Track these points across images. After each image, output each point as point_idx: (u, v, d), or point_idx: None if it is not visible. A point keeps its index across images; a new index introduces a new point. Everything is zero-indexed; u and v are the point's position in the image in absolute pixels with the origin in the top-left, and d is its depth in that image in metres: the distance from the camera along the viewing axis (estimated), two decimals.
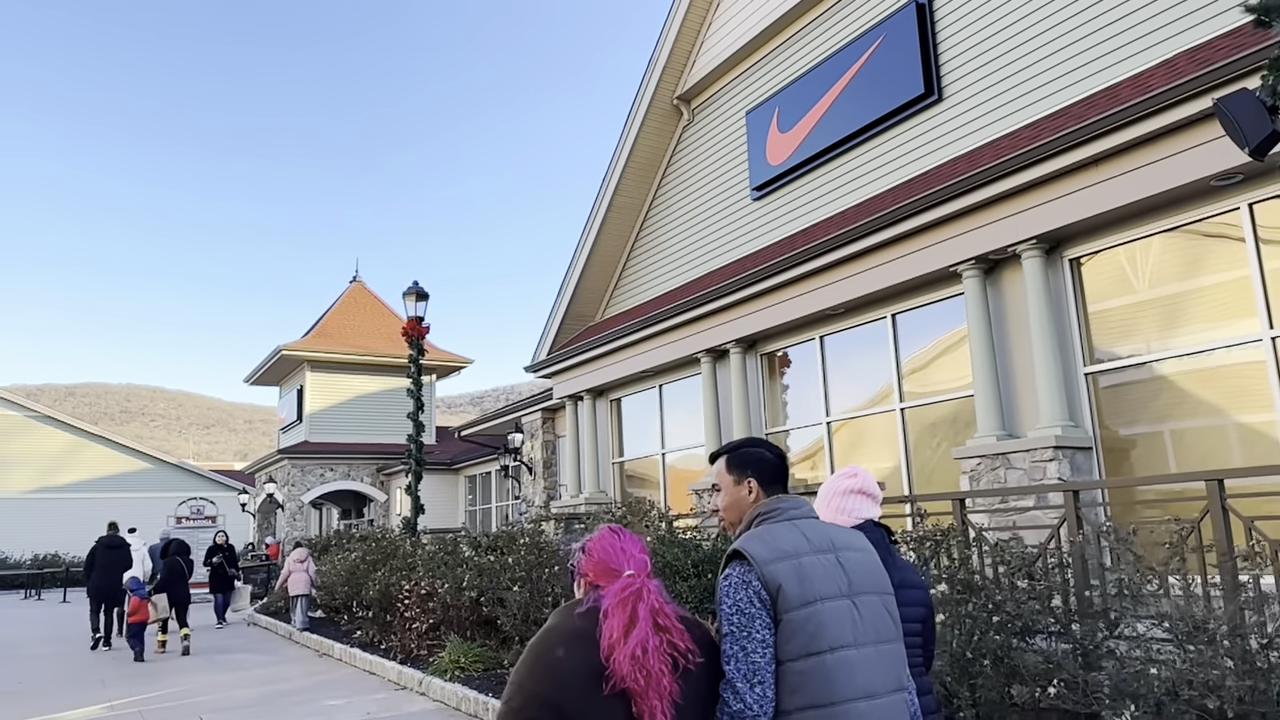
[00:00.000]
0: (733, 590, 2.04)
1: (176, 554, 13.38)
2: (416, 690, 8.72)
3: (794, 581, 2.02)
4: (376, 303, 33.49)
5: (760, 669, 1.98)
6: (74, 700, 8.89)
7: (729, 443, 2.48)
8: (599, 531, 2.13)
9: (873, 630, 2.08)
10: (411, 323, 13.82)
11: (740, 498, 2.33)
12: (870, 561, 2.20)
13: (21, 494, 34.75)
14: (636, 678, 1.82)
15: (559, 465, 19.87)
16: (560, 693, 1.83)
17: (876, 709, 2.02)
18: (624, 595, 1.91)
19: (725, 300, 12.00)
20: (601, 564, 2.03)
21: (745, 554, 2.07)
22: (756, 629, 2.00)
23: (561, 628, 1.96)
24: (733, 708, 1.96)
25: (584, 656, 1.86)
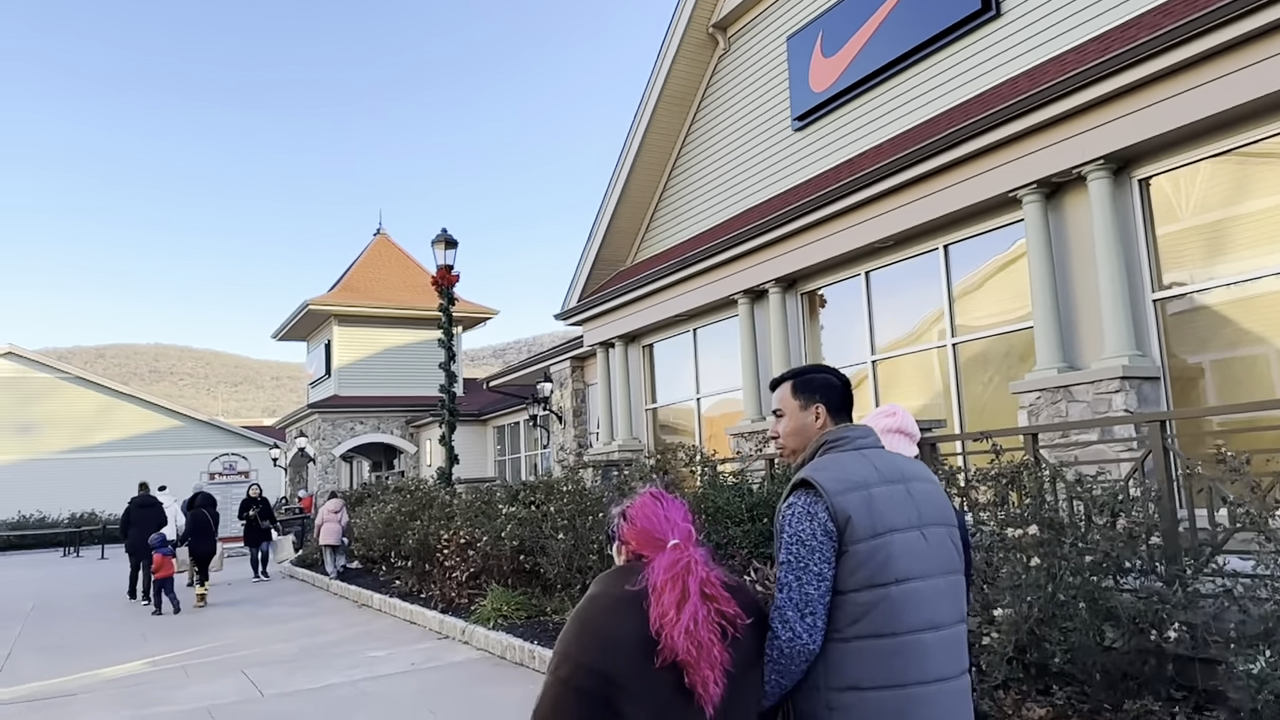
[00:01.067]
0: (795, 520, 2.00)
1: (202, 507, 13.44)
2: (459, 639, 8.55)
3: (864, 513, 1.97)
4: (401, 255, 33.17)
5: (813, 600, 1.94)
6: (115, 656, 8.82)
7: (793, 368, 2.42)
8: (640, 497, 2.05)
9: (940, 562, 2.04)
10: (441, 271, 13.46)
11: (806, 425, 2.24)
12: (937, 493, 2.15)
13: (56, 454, 35.16)
14: (689, 650, 1.78)
15: (588, 414, 19.63)
16: (610, 664, 1.80)
17: (941, 640, 1.98)
18: (674, 570, 1.86)
19: (764, 238, 11.52)
20: (645, 533, 1.97)
21: (814, 483, 2.01)
22: (815, 561, 1.96)
23: (608, 596, 1.91)
24: (782, 636, 1.94)
25: (633, 627, 1.82)
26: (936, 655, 1.97)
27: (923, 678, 1.95)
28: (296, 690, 6.96)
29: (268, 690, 7.01)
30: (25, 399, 35.04)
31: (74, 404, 36.12)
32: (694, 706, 1.81)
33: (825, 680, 1.97)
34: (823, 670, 1.98)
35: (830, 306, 11.61)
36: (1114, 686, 3.88)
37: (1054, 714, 4.10)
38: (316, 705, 6.44)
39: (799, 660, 1.96)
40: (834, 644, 1.96)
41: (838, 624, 1.96)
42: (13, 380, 35.23)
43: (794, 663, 1.97)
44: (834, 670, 1.96)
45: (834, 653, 1.97)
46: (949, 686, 1.99)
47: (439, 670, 7.38)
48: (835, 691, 1.96)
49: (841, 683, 1.95)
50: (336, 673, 7.50)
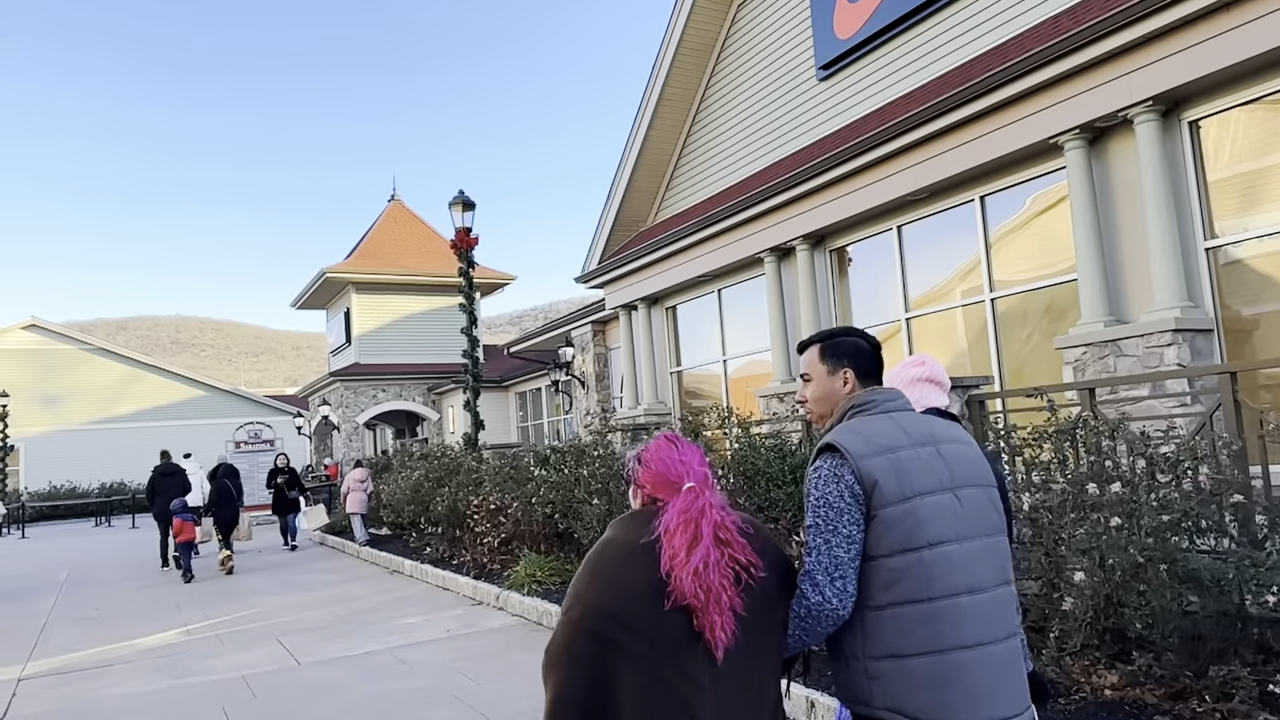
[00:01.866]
0: (822, 483, 1.97)
1: (224, 477, 13.66)
2: (494, 605, 8.49)
3: (891, 477, 1.93)
4: (415, 221, 32.94)
5: (842, 564, 1.92)
6: (150, 626, 8.83)
7: (821, 331, 2.33)
8: (655, 440, 2.03)
9: (976, 523, 1.98)
10: (460, 234, 13.26)
11: (834, 389, 2.21)
12: (972, 453, 2.09)
13: (83, 425, 35.52)
14: (697, 594, 1.76)
15: (611, 378, 19.47)
16: (621, 606, 1.79)
17: (980, 604, 1.93)
18: (688, 514, 1.83)
19: (790, 193, 11.22)
20: (660, 476, 1.94)
21: (839, 447, 1.98)
22: (843, 524, 1.93)
23: (621, 541, 1.90)
24: (810, 600, 1.92)
25: (644, 571, 1.81)
26: (976, 619, 1.91)
27: (961, 642, 1.89)
28: (333, 658, 6.92)
29: (304, 658, 6.97)
30: (50, 371, 35.33)
31: (98, 375, 36.40)
32: (703, 650, 1.79)
33: (863, 649, 1.94)
34: (860, 639, 1.94)
35: (860, 263, 11.33)
36: (1195, 653, 3.70)
37: (1125, 681, 3.93)
38: (354, 673, 6.39)
39: (826, 623, 1.94)
40: (869, 612, 1.93)
41: (871, 591, 1.93)
42: (37, 352, 35.51)
43: (820, 624, 1.94)
44: (871, 639, 1.93)
45: (869, 621, 1.93)
46: (993, 651, 1.93)
47: (475, 637, 7.32)
48: (874, 660, 1.92)
49: (879, 651, 1.92)
50: (372, 640, 7.46)
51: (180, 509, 12.55)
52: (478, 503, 10.19)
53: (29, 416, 33.73)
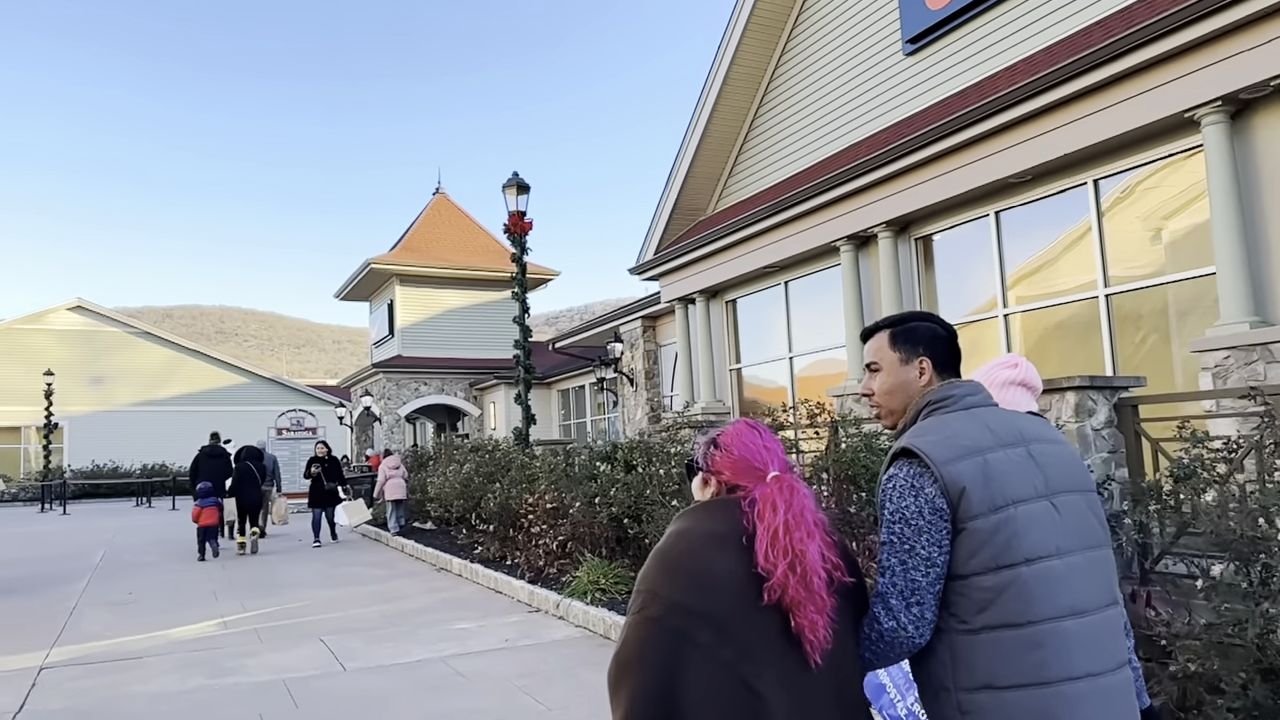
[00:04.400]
0: (898, 494, 1.75)
1: (247, 459, 13.75)
2: (553, 614, 7.80)
3: (980, 483, 1.70)
4: (460, 215, 32.58)
5: (920, 589, 1.70)
6: (185, 615, 8.28)
7: (889, 316, 2.07)
8: (733, 426, 1.87)
9: (1077, 535, 1.75)
10: (514, 217, 12.62)
11: (907, 381, 1.97)
12: (1067, 455, 1.84)
13: (128, 407, 35.72)
14: (799, 589, 1.61)
15: (661, 375, 18.75)
16: (706, 602, 1.61)
17: (1088, 627, 1.69)
18: (782, 497, 1.69)
19: (873, 175, 10.41)
20: (743, 462, 1.79)
21: (918, 452, 1.75)
22: (921, 544, 1.71)
23: (703, 531, 1.73)
24: (884, 625, 1.73)
25: (732, 564, 1.65)
26: (1084, 645, 1.67)
27: (1069, 673, 1.65)
28: (381, 665, 6.27)
29: (350, 663, 6.33)
30: (96, 352, 35.58)
31: (143, 358, 36.62)
32: (799, 654, 1.63)
33: (954, 679, 1.70)
34: (950, 668, 1.71)
35: (951, 252, 10.49)
36: None
37: None
38: (406, 684, 5.73)
39: (899, 650, 1.75)
40: (960, 636, 1.70)
41: (962, 613, 1.70)
42: (83, 334, 35.77)
43: (893, 651, 1.75)
44: (963, 668, 1.70)
45: (961, 647, 1.70)
46: (1104, 683, 1.67)
47: (536, 650, 6.63)
48: (967, 693, 1.69)
49: (973, 682, 1.68)
50: (424, 646, 6.81)
51: (205, 493, 12.84)
52: (533, 501, 9.53)
53: (74, 396, 33.91)
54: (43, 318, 35.58)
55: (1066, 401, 5.76)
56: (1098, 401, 5.77)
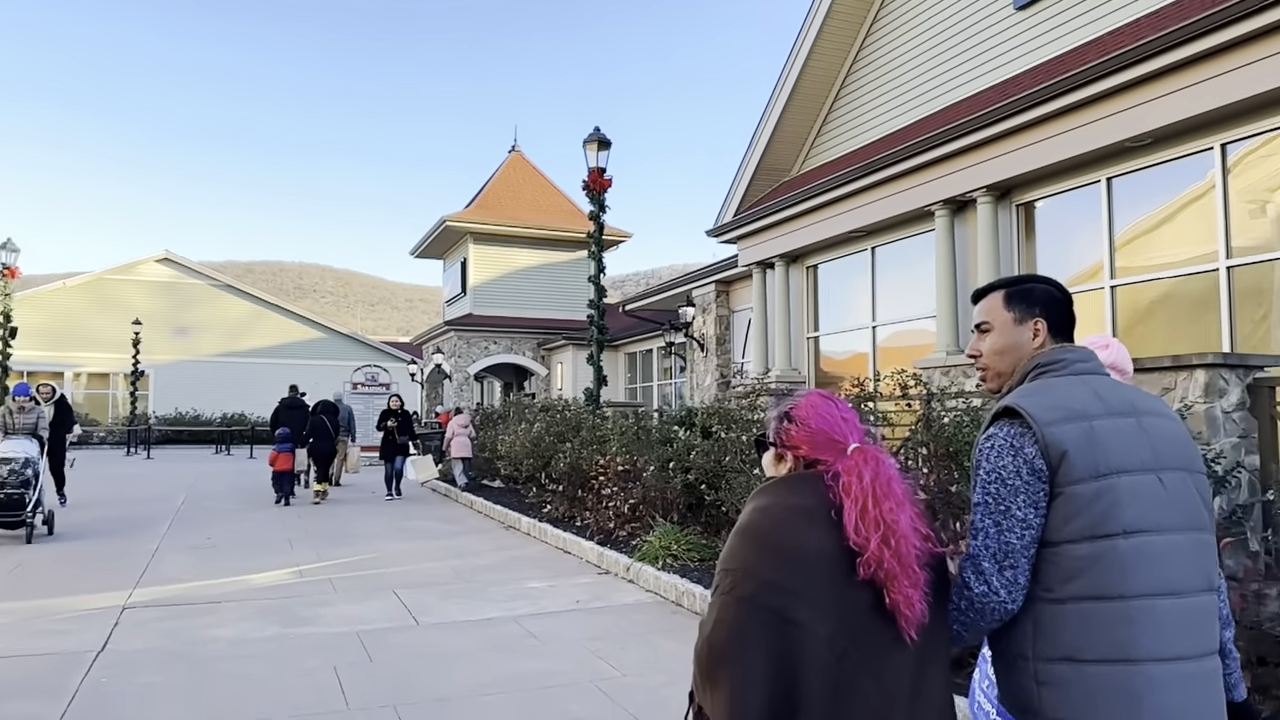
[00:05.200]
0: (996, 454, 1.69)
1: (322, 413, 14.30)
2: (623, 577, 7.64)
3: (1084, 448, 1.63)
4: (535, 173, 32.44)
5: (1014, 552, 1.65)
6: (261, 562, 8.36)
7: (1004, 277, 2.04)
8: (806, 398, 1.78)
9: (1181, 514, 1.65)
10: (594, 174, 12.33)
11: (1020, 342, 1.88)
12: (1179, 431, 1.75)
13: (210, 357, 36.84)
14: (893, 563, 1.56)
15: (733, 341, 18.40)
16: (799, 579, 1.56)
17: (1182, 610, 1.60)
18: (868, 469, 1.62)
19: (974, 137, 9.82)
20: (821, 435, 1.71)
21: (1021, 412, 1.69)
22: (1018, 505, 1.65)
23: (789, 506, 1.65)
24: (974, 590, 1.67)
25: (822, 538, 1.59)
26: (1175, 628, 1.60)
27: (1157, 654, 1.58)
28: (453, 621, 6.19)
29: (423, 618, 6.26)
30: (181, 304, 36.69)
31: (225, 311, 37.65)
32: (894, 631, 1.57)
33: (1035, 649, 1.66)
34: (1031, 636, 1.66)
35: (1054, 220, 9.88)
36: None
37: None
38: (479, 643, 5.62)
39: (990, 617, 1.69)
40: (1045, 605, 1.65)
41: (1050, 581, 1.65)
42: (169, 285, 36.92)
43: (984, 619, 1.69)
44: (1045, 636, 1.65)
45: (1045, 615, 1.65)
46: (1191, 669, 1.61)
47: (608, 613, 6.47)
48: (1046, 662, 1.64)
49: (1054, 652, 1.63)
50: (495, 605, 6.71)
51: (282, 439, 13.45)
52: (604, 463, 9.36)
53: (160, 345, 35.07)
54: (132, 269, 36.81)
55: (1195, 380, 5.29)
56: (1229, 381, 5.29)
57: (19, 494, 8.97)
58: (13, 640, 5.51)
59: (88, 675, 4.83)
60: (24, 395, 9.94)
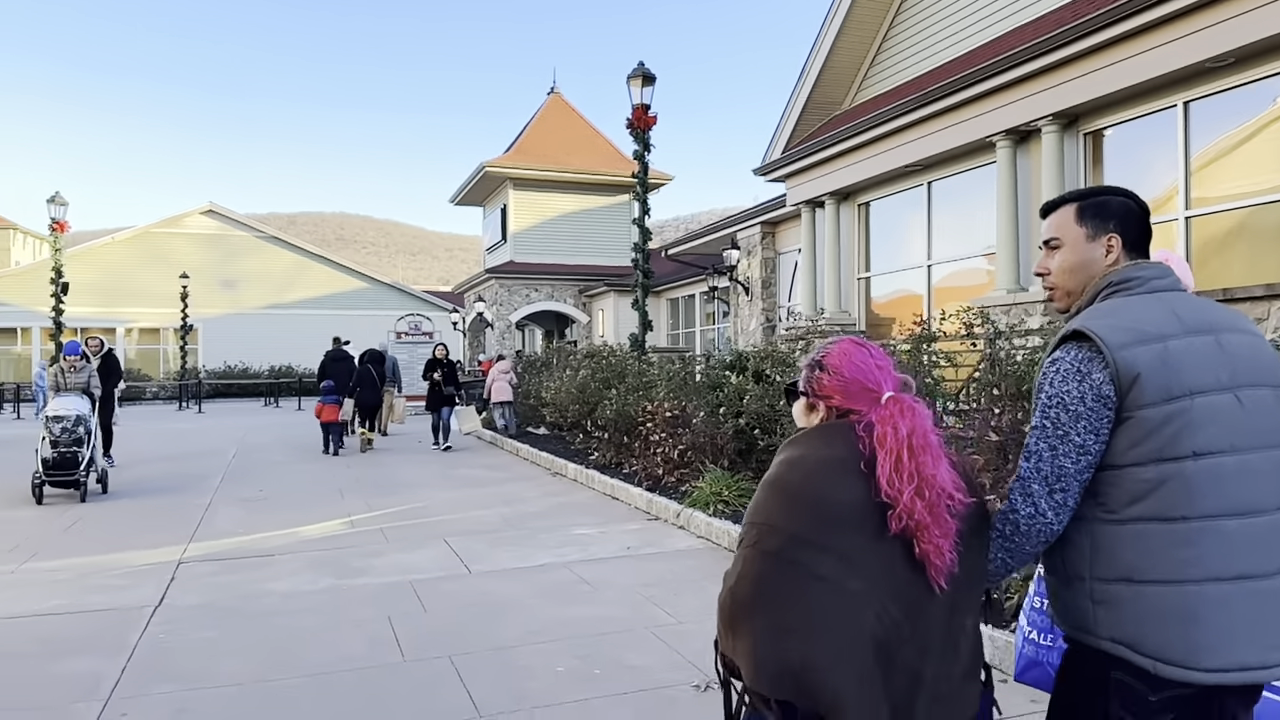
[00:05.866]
0: (1061, 379, 1.62)
1: (369, 363, 14.49)
2: (673, 523, 7.52)
3: (1157, 371, 1.57)
4: (575, 116, 31.87)
5: (1066, 476, 1.61)
6: (313, 513, 8.39)
7: (1076, 190, 1.89)
8: (838, 345, 1.73)
9: (1259, 433, 1.58)
10: (638, 112, 11.94)
11: (1091, 260, 1.78)
12: (1262, 346, 1.68)
13: (257, 309, 37.23)
14: (923, 514, 1.53)
15: (779, 284, 18.01)
16: (829, 532, 1.53)
17: (1252, 529, 1.54)
18: (904, 419, 1.57)
19: (1040, 62, 9.26)
20: (855, 384, 1.66)
21: (1090, 334, 1.61)
22: (1078, 431, 1.60)
23: (819, 458, 1.60)
24: (1021, 511, 1.64)
25: (853, 490, 1.55)
26: (1242, 548, 1.53)
27: (1217, 574, 1.53)
28: (505, 568, 6.11)
29: (474, 565, 6.20)
30: (227, 256, 37.01)
31: (271, 263, 37.91)
32: (924, 581, 1.54)
33: (1091, 568, 1.61)
34: (1088, 556, 1.62)
35: (1125, 148, 9.33)
36: None
37: None
38: (531, 590, 5.54)
39: (1035, 540, 1.65)
40: (1104, 525, 1.60)
41: (1110, 502, 1.60)
42: (214, 237, 37.25)
43: (1029, 542, 1.65)
44: (1103, 556, 1.60)
45: (1104, 535, 1.60)
46: (1261, 586, 1.53)
47: (660, 559, 6.35)
48: (1103, 582, 1.60)
49: (1111, 573, 1.59)
50: (546, 551, 6.63)
51: (327, 390, 13.67)
52: (652, 409, 9.19)
53: (207, 298, 35.47)
54: (178, 221, 37.17)
55: None
56: None
57: (72, 452, 8.94)
58: (72, 596, 5.55)
59: (146, 630, 4.83)
60: (74, 354, 9.95)
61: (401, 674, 4.13)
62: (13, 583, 5.87)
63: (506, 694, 3.85)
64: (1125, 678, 1.58)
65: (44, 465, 8.87)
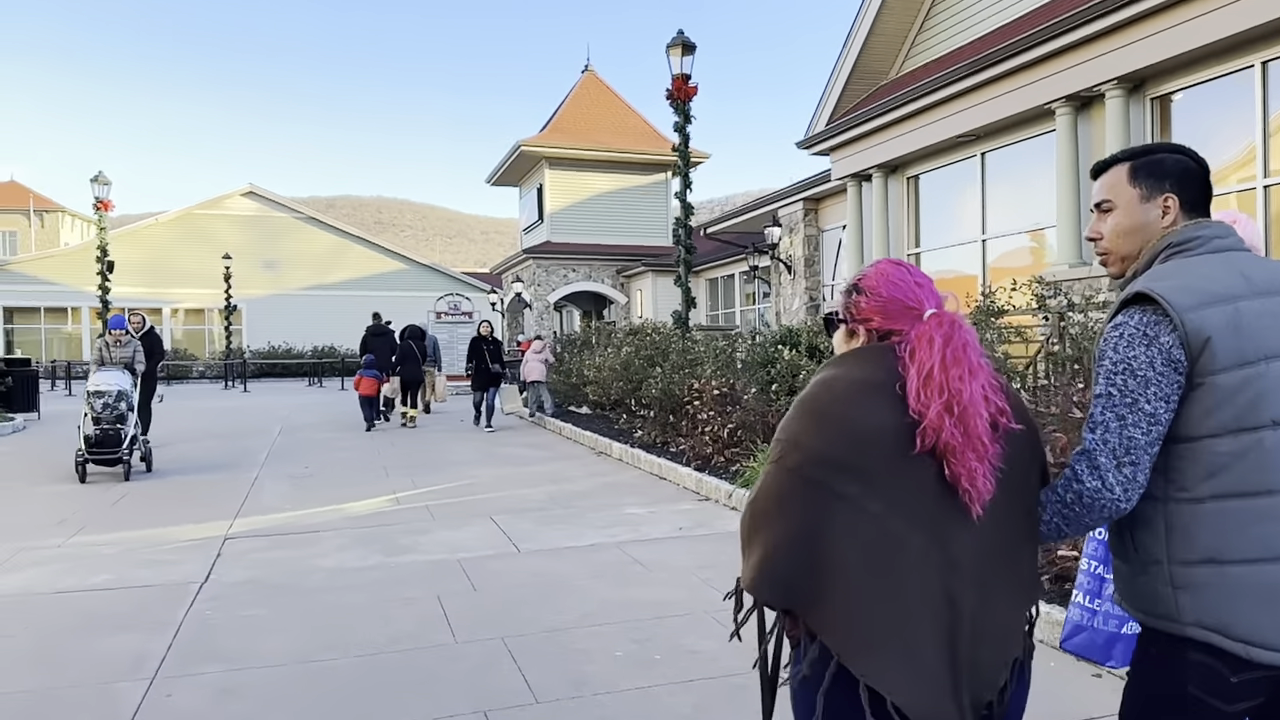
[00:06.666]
0: (1126, 344, 1.53)
1: (410, 339, 14.51)
2: (724, 503, 7.32)
3: (1228, 334, 1.49)
4: (609, 94, 31.54)
5: (1137, 448, 1.50)
6: (358, 490, 8.32)
7: (1129, 148, 1.74)
8: (875, 266, 1.64)
9: None
10: (677, 82, 11.65)
11: (1147, 222, 1.67)
12: None
13: (299, 290, 37.59)
14: (954, 432, 1.43)
15: (823, 262, 17.64)
16: (854, 452, 1.45)
17: None
18: (940, 333, 1.50)
19: (1104, 22, 8.83)
20: (894, 303, 1.57)
21: (1156, 296, 1.52)
22: (1147, 398, 1.50)
23: (850, 378, 1.53)
24: (1086, 485, 1.53)
25: (885, 411, 1.47)
26: None
27: None
28: (555, 548, 5.96)
29: (523, 544, 6.06)
30: (268, 237, 37.38)
31: (311, 244, 38.25)
32: (957, 505, 1.45)
33: (1169, 551, 1.53)
34: (1164, 538, 1.54)
35: (1195, 113, 8.88)
36: None
37: None
38: (583, 570, 5.38)
39: (1098, 514, 1.54)
40: (1180, 505, 1.52)
41: (1185, 480, 1.52)
42: (255, 219, 37.62)
43: (1091, 514, 1.55)
44: (1181, 538, 1.52)
45: (1179, 516, 1.52)
46: None
47: (713, 540, 6.16)
48: (1184, 566, 1.51)
49: (1192, 555, 1.51)
50: (596, 530, 6.47)
51: (367, 364, 13.87)
52: (699, 387, 8.98)
53: (250, 279, 35.81)
54: (219, 203, 37.57)
55: None
56: None
57: (115, 429, 8.73)
58: (120, 571, 5.50)
59: (192, 607, 4.74)
60: (119, 329, 9.87)
61: (453, 655, 3.99)
62: (59, 556, 5.84)
63: (563, 679, 3.69)
64: (1206, 659, 1.51)
65: (86, 443, 8.68)
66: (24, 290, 35.29)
